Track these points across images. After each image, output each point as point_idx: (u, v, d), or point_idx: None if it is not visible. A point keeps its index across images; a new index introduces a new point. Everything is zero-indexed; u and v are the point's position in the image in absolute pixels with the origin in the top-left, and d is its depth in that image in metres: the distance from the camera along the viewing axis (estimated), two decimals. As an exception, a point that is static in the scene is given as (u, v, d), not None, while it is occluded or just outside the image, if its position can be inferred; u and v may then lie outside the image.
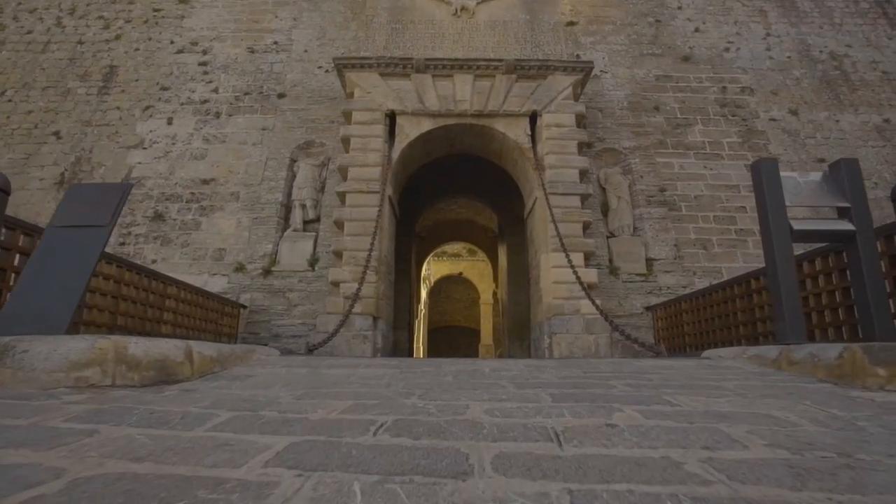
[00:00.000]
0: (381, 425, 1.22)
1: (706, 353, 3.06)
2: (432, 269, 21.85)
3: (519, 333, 10.80)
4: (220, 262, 7.99)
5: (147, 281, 4.99)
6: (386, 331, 7.82)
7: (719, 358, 2.74)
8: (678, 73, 9.93)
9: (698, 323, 5.94)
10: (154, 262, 7.96)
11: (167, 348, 1.82)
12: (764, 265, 7.74)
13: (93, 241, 2.48)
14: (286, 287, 7.77)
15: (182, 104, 9.46)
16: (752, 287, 4.84)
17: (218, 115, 9.35)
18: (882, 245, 3.07)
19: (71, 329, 3.94)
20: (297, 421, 1.26)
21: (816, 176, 3.13)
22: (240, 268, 7.89)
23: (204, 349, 2.08)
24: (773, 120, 9.35)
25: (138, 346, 1.72)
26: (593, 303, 5.05)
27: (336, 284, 7.36)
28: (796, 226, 2.88)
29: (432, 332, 23.01)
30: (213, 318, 6.49)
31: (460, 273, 22.11)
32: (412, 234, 12.51)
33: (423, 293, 20.53)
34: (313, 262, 7.97)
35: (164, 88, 9.62)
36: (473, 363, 2.35)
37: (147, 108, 9.42)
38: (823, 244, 3.59)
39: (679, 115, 9.42)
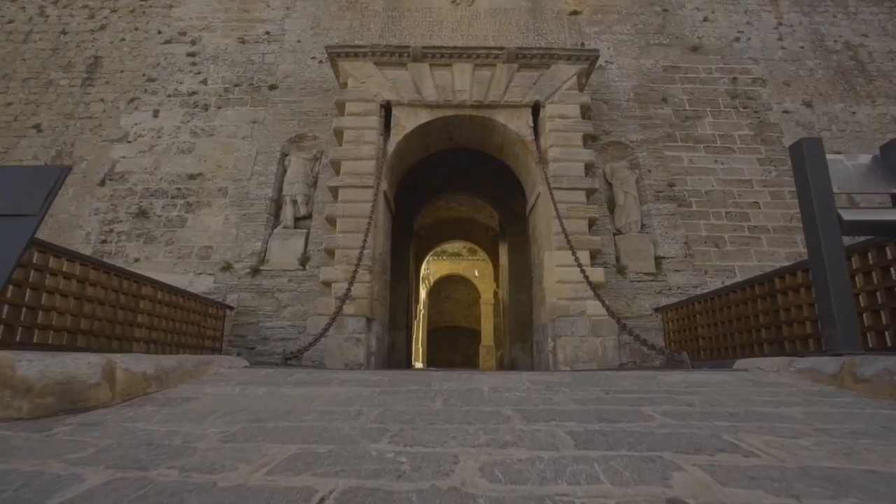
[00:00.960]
0: (321, 502, 0.83)
1: (740, 363, 2.66)
2: (432, 269, 21.47)
3: (520, 334, 10.40)
4: (206, 261, 7.59)
5: (118, 281, 4.59)
6: (381, 333, 7.42)
7: (758, 370, 2.34)
8: (686, 64, 9.52)
9: (714, 326, 5.53)
10: (137, 260, 7.57)
11: (76, 366, 1.42)
12: (787, 263, 7.36)
13: (18, 232, 2.08)
14: (275, 287, 7.37)
15: (169, 96, 9.06)
16: (777, 287, 4.43)
17: (206, 107, 8.95)
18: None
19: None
20: (195, 491, 0.87)
21: (866, 159, 2.74)
22: (227, 267, 7.49)
23: (134, 364, 1.68)
24: (787, 112, 8.94)
25: (32, 365, 1.33)
26: (603, 303, 4.65)
27: (328, 284, 6.96)
28: (846, 216, 2.47)
29: (432, 333, 22.62)
30: (196, 320, 6.10)
31: (462, 271, 21.72)
32: (410, 233, 12.10)
33: (423, 293, 20.15)
34: (304, 260, 7.57)
35: (151, 80, 9.22)
36: (470, 379, 1.95)
37: (132, 100, 9.02)
38: (868, 237, 3.17)
39: (688, 107, 9.01)
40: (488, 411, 1.49)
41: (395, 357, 10.69)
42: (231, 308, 7.10)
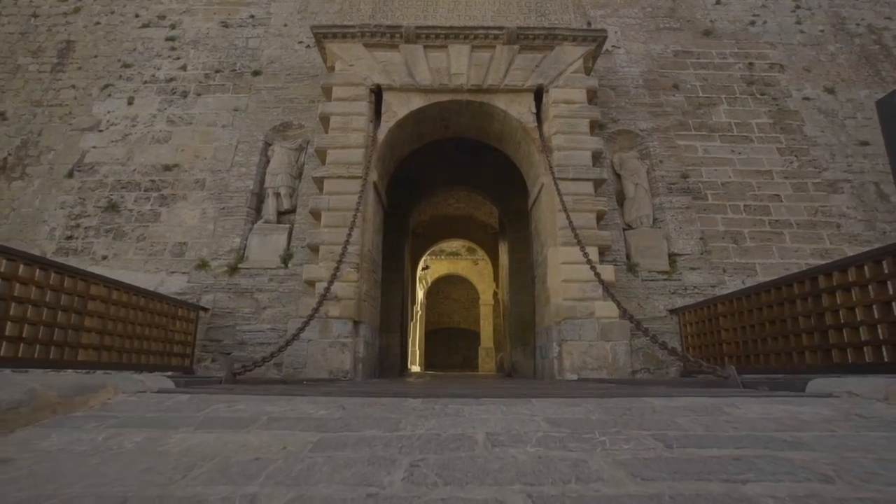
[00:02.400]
0: None
1: (816, 384, 2.04)
2: (430, 269, 20.86)
3: (522, 337, 9.78)
4: (180, 259, 6.98)
5: (60, 279, 3.97)
6: (370, 336, 6.80)
7: (852, 396, 1.75)
8: (699, 49, 8.92)
9: (741, 330, 4.91)
10: (105, 258, 6.96)
11: None
12: (812, 260, 6.74)
13: None
14: (255, 286, 6.76)
15: (145, 82, 8.45)
16: (823, 286, 3.82)
17: (185, 94, 8.34)
18: None
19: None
20: None
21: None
22: (202, 265, 6.88)
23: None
24: (807, 99, 8.33)
25: None
26: (618, 304, 4.04)
27: (311, 284, 6.36)
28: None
29: (430, 334, 22.02)
30: (162, 323, 5.47)
31: (461, 271, 21.11)
32: (406, 230, 11.49)
33: (420, 294, 19.54)
34: (287, 258, 6.96)
35: (126, 66, 8.61)
36: (459, 416, 1.35)
37: (106, 86, 8.41)
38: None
39: (701, 94, 8.41)
40: (480, 501, 0.89)
41: (388, 361, 10.08)
42: (205, 310, 6.49)
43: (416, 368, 17.54)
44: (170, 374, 5.21)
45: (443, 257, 21.12)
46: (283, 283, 6.77)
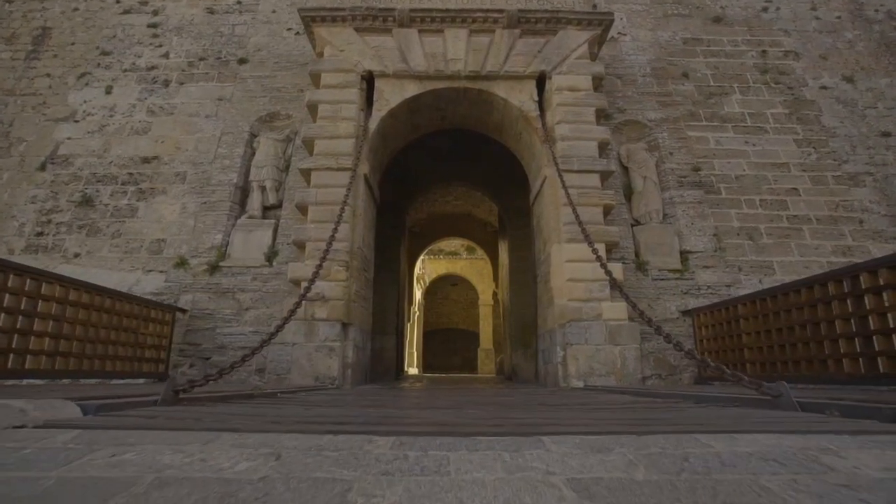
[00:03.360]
0: None
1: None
2: (428, 269, 20.42)
3: (522, 339, 9.33)
4: (157, 257, 6.52)
5: (3, 277, 3.52)
6: (361, 340, 6.34)
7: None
8: (709, 36, 8.47)
9: (766, 334, 4.46)
10: (77, 255, 6.50)
11: None
12: (835, 258, 6.29)
13: None
14: (237, 286, 6.30)
15: (125, 71, 8.00)
16: (865, 285, 3.36)
17: (167, 83, 7.88)
18: None
19: None
20: None
21: None
22: (181, 263, 6.42)
23: None
24: (825, 88, 7.88)
25: None
26: (633, 306, 3.58)
27: (297, 283, 5.91)
28: None
29: (428, 335, 21.57)
30: (131, 326, 5.02)
31: (460, 271, 20.66)
32: (402, 228, 11.04)
33: (418, 294, 19.09)
34: (271, 255, 6.50)
35: (105, 53, 8.16)
36: (437, 481, 0.91)
37: (83, 74, 7.95)
38: None
39: (712, 83, 7.96)
40: None
41: (383, 365, 9.62)
42: (183, 311, 6.03)
43: (413, 371, 17.09)
44: (144, 379, 4.76)
45: (441, 257, 20.69)
46: (267, 283, 6.32)
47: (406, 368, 14.03)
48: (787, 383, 2.18)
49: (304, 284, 5.67)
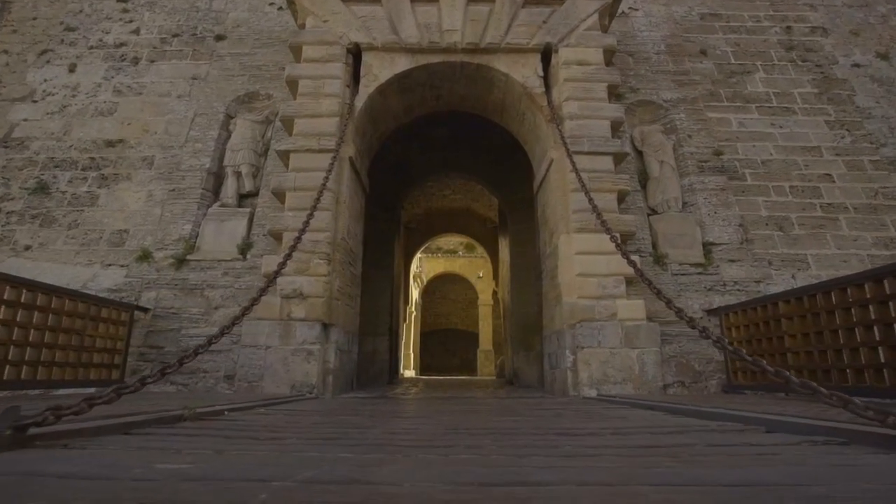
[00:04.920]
0: None
1: None
2: (425, 267, 19.72)
3: (524, 341, 8.64)
4: (118, 249, 5.83)
5: None
6: (345, 342, 5.65)
7: None
8: (728, 11, 7.78)
9: (818, 337, 3.76)
10: (28, 248, 5.82)
11: None
12: (876, 251, 5.58)
13: None
14: (206, 282, 5.61)
15: (91, 48, 7.31)
16: (962, 275, 2.67)
17: (136, 60, 7.20)
18: None
19: None
20: None
21: None
22: (145, 256, 5.73)
23: None
24: (857, 66, 7.20)
25: None
26: (668, 302, 2.90)
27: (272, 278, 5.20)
28: None
29: (426, 336, 20.86)
30: (76, 327, 4.33)
31: (459, 270, 19.98)
32: (397, 223, 10.34)
33: (415, 293, 18.38)
34: (245, 248, 5.82)
35: (70, 29, 7.47)
36: None
37: (44, 52, 7.27)
38: None
39: (733, 61, 7.27)
40: None
41: (375, 368, 8.94)
42: (144, 310, 5.34)
43: (409, 373, 16.39)
44: (95, 388, 4.07)
45: (440, 255, 20.00)
46: (239, 278, 5.63)
47: (402, 371, 13.32)
48: (847, 394, 1.52)
49: (281, 280, 5.00)
